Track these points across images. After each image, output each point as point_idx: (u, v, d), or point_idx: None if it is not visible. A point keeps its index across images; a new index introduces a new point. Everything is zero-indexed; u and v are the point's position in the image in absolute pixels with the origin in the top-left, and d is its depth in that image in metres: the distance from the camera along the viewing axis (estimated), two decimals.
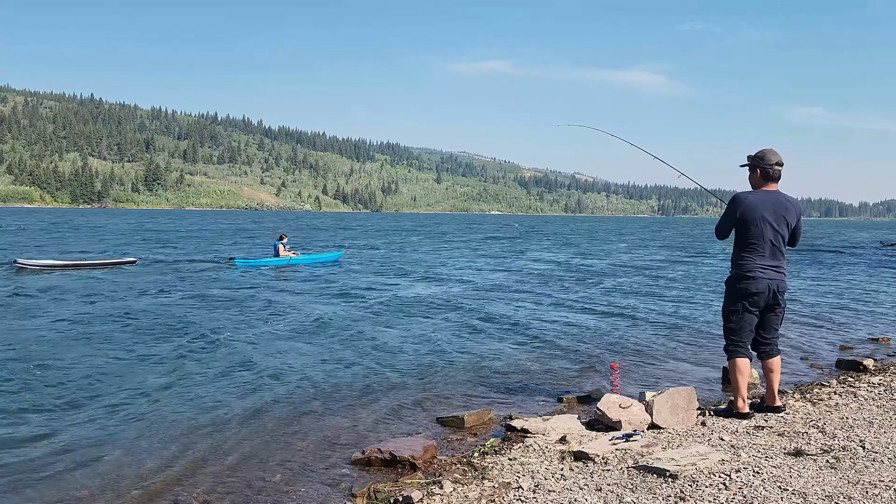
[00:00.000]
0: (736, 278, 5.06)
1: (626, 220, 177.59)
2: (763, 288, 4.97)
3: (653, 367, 7.62)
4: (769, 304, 5.05)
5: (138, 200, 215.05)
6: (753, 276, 4.96)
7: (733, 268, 5.10)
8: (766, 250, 4.97)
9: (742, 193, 5.07)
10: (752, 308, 5.03)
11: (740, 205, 4.99)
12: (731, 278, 5.12)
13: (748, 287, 4.98)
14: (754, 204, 4.96)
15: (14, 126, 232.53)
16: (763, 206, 4.95)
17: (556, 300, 13.66)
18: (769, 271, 4.98)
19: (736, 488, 3.59)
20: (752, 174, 5.10)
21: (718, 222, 5.24)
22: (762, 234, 4.95)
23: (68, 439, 5.08)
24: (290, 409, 5.91)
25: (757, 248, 4.97)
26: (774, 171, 5.03)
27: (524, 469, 4.10)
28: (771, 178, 5.03)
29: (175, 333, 9.28)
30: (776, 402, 5.23)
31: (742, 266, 5.01)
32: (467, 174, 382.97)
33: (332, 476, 4.38)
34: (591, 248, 35.47)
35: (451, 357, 8.09)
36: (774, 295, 5.02)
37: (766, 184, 5.05)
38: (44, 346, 8.32)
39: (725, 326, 5.19)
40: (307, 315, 11.20)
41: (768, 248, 4.98)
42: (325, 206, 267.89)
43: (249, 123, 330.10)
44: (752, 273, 4.97)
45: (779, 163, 5.02)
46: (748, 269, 4.98)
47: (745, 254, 5.01)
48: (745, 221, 4.97)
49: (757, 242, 4.96)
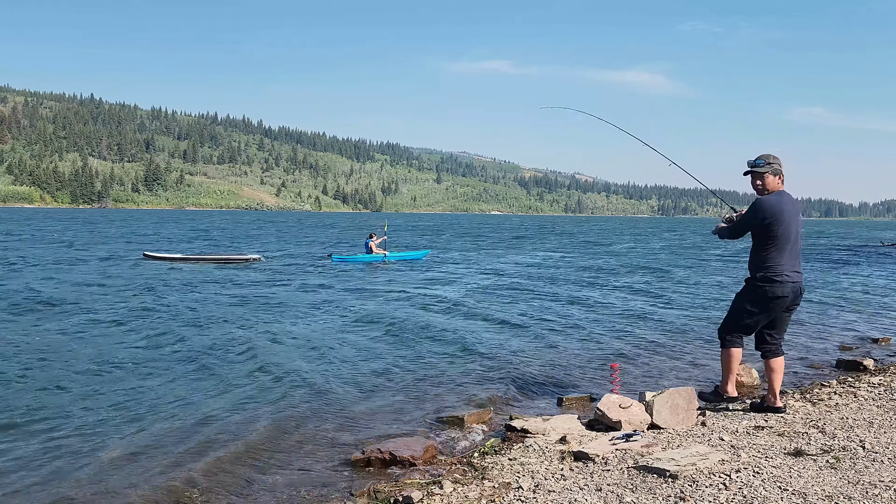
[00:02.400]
0: (762, 280, 5.01)
1: (627, 220, 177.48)
2: (789, 291, 4.99)
3: (653, 367, 7.61)
4: (788, 307, 5.09)
5: (138, 200, 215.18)
6: (781, 281, 4.97)
7: (757, 270, 5.05)
8: (791, 252, 5.00)
9: (766, 198, 5.05)
10: (774, 310, 5.03)
11: (768, 208, 4.97)
12: (754, 280, 5.06)
13: (775, 291, 4.97)
14: (780, 206, 4.97)
15: (14, 126, 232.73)
16: (786, 209, 4.98)
17: (557, 300, 13.66)
18: (794, 274, 5.01)
19: (736, 488, 3.59)
20: (768, 178, 5.06)
21: (736, 223, 5.24)
22: (788, 237, 4.97)
23: (62, 435, 5.08)
24: (290, 408, 5.90)
25: (784, 251, 4.97)
26: (782, 175, 5.11)
27: (524, 469, 4.10)
28: (782, 180, 5.10)
29: (189, 329, 9.31)
30: (777, 403, 5.23)
31: (770, 269, 4.98)
32: (467, 174, 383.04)
33: (332, 476, 4.38)
34: (596, 248, 35.47)
35: (451, 357, 8.09)
36: (796, 296, 5.06)
37: (780, 186, 5.11)
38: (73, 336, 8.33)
39: (732, 322, 5.19)
40: (320, 314, 11.23)
41: (793, 251, 5.01)
42: (325, 207, 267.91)
43: (249, 123, 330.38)
44: (780, 277, 4.96)
45: None
46: (776, 272, 4.97)
47: (771, 257, 4.99)
48: (771, 225, 4.95)
49: (784, 245, 4.97)
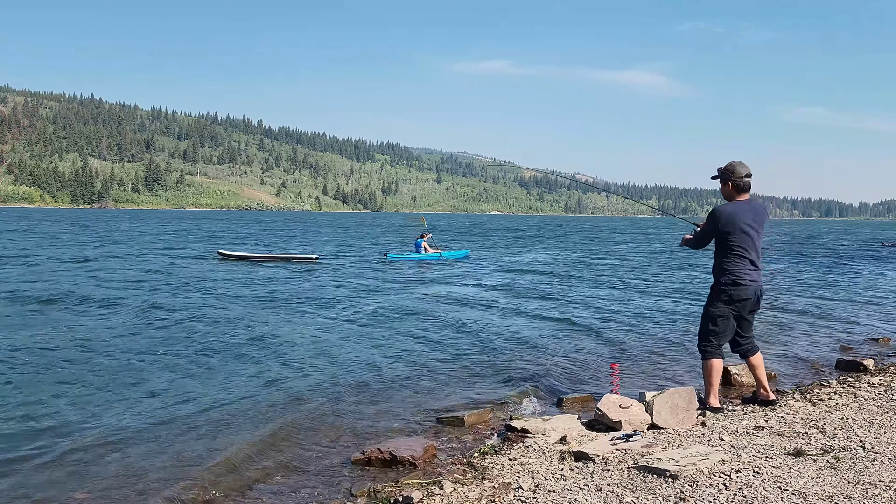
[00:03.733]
0: (725, 285, 5.24)
1: (628, 220, 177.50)
2: (750, 294, 5.23)
3: (653, 367, 7.61)
4: (752, 309, 5.32)
5: (138, 201, 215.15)
6: (743, 284, 5.20)
7: (720, 275, 5.28)
8: (750, 258, 5.22)
9: (721, 206, 5.32)
10: (740, 313, 5.27)
11: (723, 217, 5.21)
12: (719, 285, 5.29)
13: (738, 294, 5.21)
14: (736, 215, 5.20)
15: (14, 126, 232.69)
16: (744, 216, 5.19)
17: (556, 300, 13.67)
18: (755, 277, 5.24)
19: (736, 488, 3.59)
20: (724, 186, 5.34)
21: (697, 234, 5.48)
22: (746, 243, 5.19)
23: (60, 434, 5.08)
24: (290, 408, 5.90)
25: (743, 256, 5.20)
26: (745, 183, 5.27)
27: (524, 469, 4.10)
28: (742, 189, 5.28)
29: (201, 325, 9.32)
30: (770, 396, 5.47)
31: (730, 274, 5.21)
32: (467, 174, 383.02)
33: (332, 476, 4.38)
34: (596, 248, 35.48)
35: (451, 357, 8.09)
36: (758, 299, 5.31)
37: (738, 195, 5.29)
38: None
39: (706, 329, 5.37)
40: (328, 313, 11.23)
41: (752, 256, 5.23)
42: (325, 207, 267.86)
43: (249, 123, 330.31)
44: (742, 281, 5.20)
45: (748, 174, 5.27)
46: (737, 276, 5.20)
47: (732, 262, 5.22)
48: (728, 232, 5.19)
49: (742, 251, 5.19)
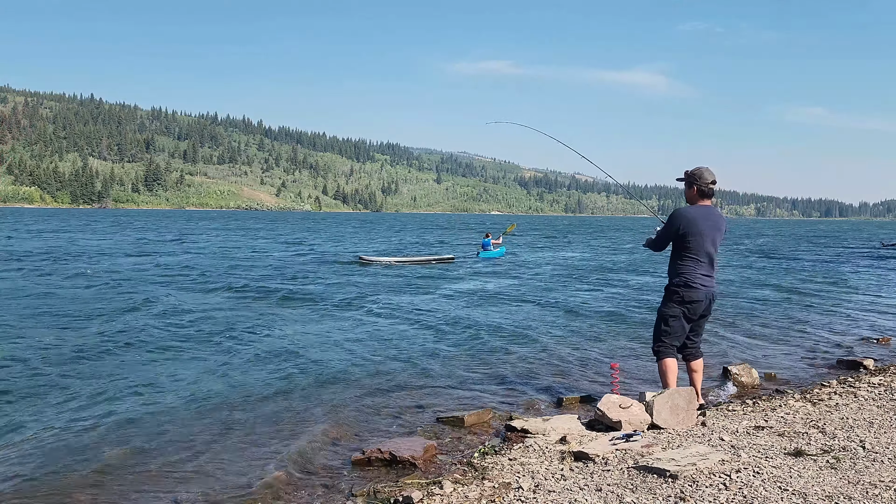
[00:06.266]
0: (677, 286, 5.32)
1: (629, 220, 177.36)
2: (702, 297, 5.30)
3: (653, 367, 7.59)
4: (703, 312, 5.39)
5: (138, 201, 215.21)
6: (694, 286, 5.27)
7: (674, 276, 5.36)
8: (705, 261, 5.29)
9: (682, 209, 5.39)
10: (691, 315, 5.35)
11: (682, 219, 5.28)
12: (672, 286, 5.38)
13: (690, 295, 5.28)
14: (695, 219, 5.27)
15: (14, 126, 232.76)
16: (702, 221, 5.27)
17: (556, 299, 13.66)
18: (708, 281, 5.31)
19: (736, 488, 3.59)
20: (689, 190, 5.41)
21: (657, 236, 5.54)
22: (702, 247, 5.26)
23: (56, 432, 5.08)
24: (290, 408, 5.91)
25: (698, 259, 5.28)
26: (709, 189, 5.36)
27: (524, 469, 4.10)
28: (706, 195, 5.36)
29: (211, 324, 9.30)
30: (700, 400, 5.53)
31: (684, 275, 5.30)
32: (467, 174, 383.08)
33: (332, 476, 4.38)
34: (597, 248, 35.47)
35: (451, 357, 8.09)
36: (710, 303, 5.38)
37: (701, 200, 5.38)
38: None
39: (660, 329, 5.43)
40: (333, 314, 11.22)
41: (707, 260, 5.30)
42: (325, 207, 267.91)
43: (249, 123, 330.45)
44: (694, 283, 5.27)
45: (713, 181, 5.36)
46: (689, 278, 5.28)
47: (686, 264, 5.30)
48: (686, 235, 5.26)
49: (698, 254, 5.27)
